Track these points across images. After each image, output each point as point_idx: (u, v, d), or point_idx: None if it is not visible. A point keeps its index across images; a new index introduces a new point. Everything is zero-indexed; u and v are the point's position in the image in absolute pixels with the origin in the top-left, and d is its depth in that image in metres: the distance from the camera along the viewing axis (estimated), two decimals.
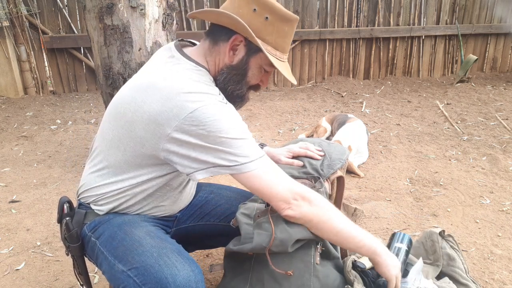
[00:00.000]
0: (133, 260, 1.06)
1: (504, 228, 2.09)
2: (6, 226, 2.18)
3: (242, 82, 1.15)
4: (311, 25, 5.16)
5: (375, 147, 3.23)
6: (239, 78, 1.14)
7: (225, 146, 1.02)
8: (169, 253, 1.07)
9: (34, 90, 4.81)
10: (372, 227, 2.12)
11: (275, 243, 1.11)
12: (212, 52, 1.14)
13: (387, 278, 1.13)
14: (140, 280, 1.02)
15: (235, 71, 1.13)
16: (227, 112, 1.05)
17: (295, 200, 1.06)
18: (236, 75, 1.13)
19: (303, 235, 1.13)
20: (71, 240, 1.20)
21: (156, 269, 1.02)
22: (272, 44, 1.10)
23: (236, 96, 1.17)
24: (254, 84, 1.19)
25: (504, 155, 3.01)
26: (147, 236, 1.12)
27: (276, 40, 1.11)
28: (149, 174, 1.15)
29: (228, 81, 1.14)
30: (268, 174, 1.06)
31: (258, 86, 1.21)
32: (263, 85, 1.21)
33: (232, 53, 1.12)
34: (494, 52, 5.66)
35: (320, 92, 5.02)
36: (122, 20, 2.40)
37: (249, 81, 1.16)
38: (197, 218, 1.42)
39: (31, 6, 4.55)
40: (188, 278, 1.02)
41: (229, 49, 1.11)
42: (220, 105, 1.04)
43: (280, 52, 1.13)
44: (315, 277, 1.14)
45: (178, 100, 1.01)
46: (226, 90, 1.15)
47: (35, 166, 2.99)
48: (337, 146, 1.49)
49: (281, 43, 1.12)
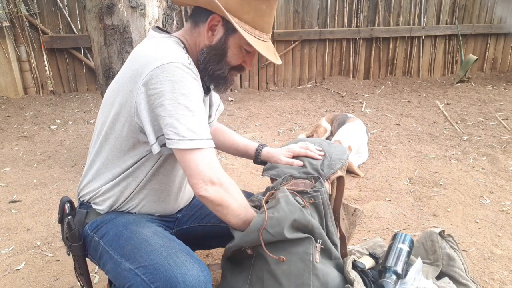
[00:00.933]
0: (142, 258, 1.05)
1: (504, 228, 2.09)
2: (6, 226, 2.18)
3: (222, 62, 1.14)
4: (311, 25, 5.15)
5: (375, 147, 3.23)
6: (218, 58, 1.14)
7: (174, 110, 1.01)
8: (178, 252, 1.07)
9: (34, 90, 4.81)
10: (372, 227, 2.12)
11: (271, 222, 1.10)
12: (192, 33, 1.16)
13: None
14: (148, 278, 1.02)
15: (214, 51, 1.13)
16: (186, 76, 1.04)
17: (213, 184, 1.04)
18: (216, 55, 1.13)
19: (300, 217, 1.13)
20: (73, 240, 1.20)
21: (165, 268, 1.01)
22: (249, 23, 1.10)
23: (217, 77, 1.16)
24: (236, 64, 1.17)
25: (504, 155, 3.01)
26: (155, 236, 1.12)
27: (254, 19, 1.10)
28: (134, 157, 1.16)
29: (208, 61, 1.14)
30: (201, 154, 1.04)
31: (241, 67, 1.19)
32: (246, 66, 1.19)
33: (210, 34, 1.12)
34: (494, 52, 5.66)
35: (320, 92, 5.02)
36: (122, 20, 2.40)
37: (230, 61, 1.15)
38: (198, 219, 1.42)
39: (31, 6, 4.55)
40: (198, 278, 1.02)
41: (207, 29, 1.12)
42: (182, 68, 1.04)
43: (259, 31, 1.12)
44: (315, 276, 1.14)
45: (143, 59, 1.05)
46: (207, 70, 1.15)
47: (35, 166, 2.99)
48: (337, 146, 1.49)
49: (259, 22, 1.11)
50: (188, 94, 1.03)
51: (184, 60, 1.06)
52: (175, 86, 1.01)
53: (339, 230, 1.38)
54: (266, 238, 1.13)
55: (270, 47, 1.18)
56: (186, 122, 1.02)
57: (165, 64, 1.02)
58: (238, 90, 5.18)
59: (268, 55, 1.13)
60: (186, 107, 1.02)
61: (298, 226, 1.15)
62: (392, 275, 1.21)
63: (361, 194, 2.49)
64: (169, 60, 1.03)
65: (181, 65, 1.03)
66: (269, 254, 1.13)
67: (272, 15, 1.14)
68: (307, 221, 1.15)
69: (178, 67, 1.03)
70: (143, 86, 1.03)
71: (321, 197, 1.23)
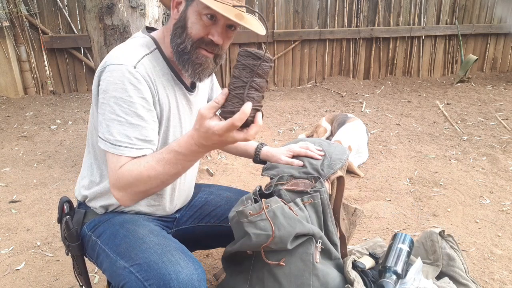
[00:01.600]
0: (136, 256, 1.06)
1: (504, 228, 2.09)
2: (6, 226, 2.18)
3: (183, 35, 1.07)
4: (311, 25, 5.15)
5: (375, 147, 3.23)
6: (180, 31, 1.08)
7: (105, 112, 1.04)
8: (173, 251, 1.07)
9: (34, 90, 4.81)
10: (372, 227, 2.12)
11: (275, 240, 1.11)
12: (169, 23, 1.14)
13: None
14: (142, 276, 1.02)
15: (177, 25, 1.09)
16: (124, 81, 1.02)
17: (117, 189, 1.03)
18: (178, 28, 1.08)
19: (301, 229, 1.13)
20: (71, 239, 1.20)
21: (159, 265, 1.02)
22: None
23: (181, 53, 1.09)
24: (199, 36, 1.07)
25: (504, 155, 3.01)
26: (151, 234, 1.13)
27: None
28: None
29: (173, 38, 1.10)
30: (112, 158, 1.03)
31: (208, 41, 1.08)
32: (214, 39, 1.07)
33: (176, 11, 1.10)
34: (494, 52, 5.66)
35: (320, 92, 5.02)
36: (122, 20, 2.40)
37: (191, 33, 1.06)
38: (197, 219, 1.42)
39: (31, 6, 4.55)
40: (191, 276, 1.02)
41: (173, 7, 1.11)
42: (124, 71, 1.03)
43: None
44: (315, 276, 1.14)
45: (104, 62, 1.07)
46: (173, 48, 1.10)
47: (35, 166, 2.99)
48: (337, 146, 1.49)
49: None
50: (119, 98, 1.02)
51: (130, 63, 1.04)
52: (109, 87, 1.03)
53: (339, 230, 1.38)
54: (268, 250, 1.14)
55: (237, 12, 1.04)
56: (109, 125, 1.03)
57: (109, 65, 1.04)
58: None
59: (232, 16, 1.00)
60: (113, 111, 1.02)
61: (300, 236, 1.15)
62: (392, 275, 1.21)
63: (361, 194, 2.49)
64: (114, 61, 1.04)
65: (125, 68, 1.03)
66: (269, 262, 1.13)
67: None
68: (307, 231, 1.15)
69: (120, 69, 1.03)
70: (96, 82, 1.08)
71: (321, 197, 1.23)
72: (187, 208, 1.43)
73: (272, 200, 1.17)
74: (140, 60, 1.07)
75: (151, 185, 1.01)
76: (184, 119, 1.22)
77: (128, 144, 1.02)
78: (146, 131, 1.05)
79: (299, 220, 1.14)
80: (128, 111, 1.03)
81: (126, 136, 1.02)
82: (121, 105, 1.02)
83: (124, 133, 1.02)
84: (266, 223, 1.12)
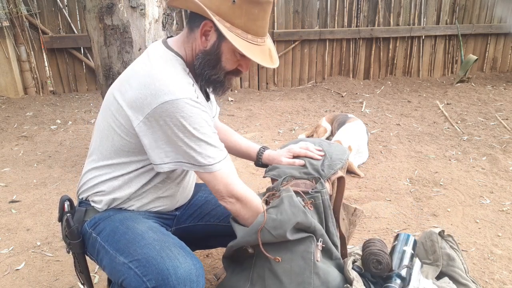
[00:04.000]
0: (135, 252, 1.07)
1: (504, 228, 2.09)
2: (6, 226, 2.18)
3: (217, 67, 1.15)
4: (311, 25, 5.15)
5: (375, 147, 3.23)
6: (213, 63, 1.15)
7: (189, 143, 1.08)
8: (171, 246, 1.08)
9: (34, 90, 4.81)
10: (372, 227, 2.12)
11: (274, 224, 1.11)
12: (189, 38, 1.16)
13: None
14: (141, 271, 1.03)
15: (209, 56, 1.14)
16: (195, 111, 1.07)
17: (230, 197, 1.16)
18: (210, 60, 1.14)
19: (303, 220, 1.13)
20: (72, 237, 1.21)
21: (158, 261, 1.03)
22: (242, 27, 1.10)
23: (214, 81, 1.18)
24: (232, 69, 1.18)
25: (504, 155, 3.01)
26: (150, 231, 1.14)
27: (246, 24, 1.09)
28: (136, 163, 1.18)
29: (203, 66, 1.15)
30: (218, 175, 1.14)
31: (238, 72, 1.20)
32: (243, 70, 1.20)
33: (204, 39, 1.13)
34: (494, 52, 5.66)
35: (320, 92, 5.02)
36: (122, 20, 2.40)
37: (225, 66, 1.16)
38: (197, 218, 1.42)
39: (31, 6, 4.55)
40: (189, 271, 1.03)
41: (200, 34, 1.13)
42: (191, 103, 1.07)
43: (252, 35, 1.11)
44: (315, 275, 1.14)
45: (153, 89, 1.06)
46: (203, 75, 1.17)
47: (35, 166, 2.99)
48: (337, 146, 1.49)
49: (251, 26, 1.10)
50: (200, 128, 1.08)
51: (192, 95, 1.09)
52: (187, 121, 1.06)
53: (339, 230, 1.38)
54: (268, 239, 1.13)
55: (266, 49, 1.17)
56: (202, 151, 1.10)
57: (173, 100, 1.05)
58: (238, 90, 5.18)
59: (260, 59, 1.12)
60: (200, 139, 1.09)
61: (301, 227, 1.15)
62: (397, 279, 1.22)
63: (361, 194, 2.49)
64: (178, 96, 1.05)
65: (190, 100, 1.07)
66: (265, 254, 1.13)
67: (266, 18, 1.14)
68: (309, 223, 1.15)
69: (188, 103, 1.06)
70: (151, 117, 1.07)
71: (322, 198, 1.23)
72: (187, 206, 1.43)
73: (284, 190, 1.21)
74: (196, 90, 1.14)
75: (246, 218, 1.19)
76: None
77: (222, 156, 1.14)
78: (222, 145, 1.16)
79: (304, 211, 1.15)
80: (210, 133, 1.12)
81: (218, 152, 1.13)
82: (204, 133, 1.09)
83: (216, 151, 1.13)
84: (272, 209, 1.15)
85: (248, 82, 5.25)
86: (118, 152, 1.18)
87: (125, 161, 1.18)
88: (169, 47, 1.17)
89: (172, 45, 1.18)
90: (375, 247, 1.25)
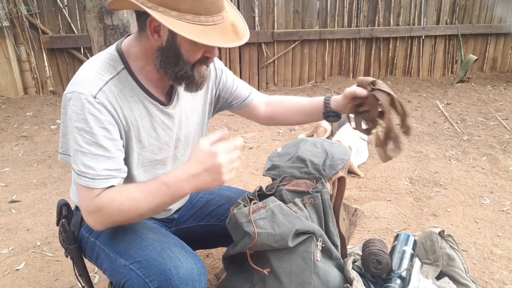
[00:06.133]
0: (136, 254, 1.06)
1: (504, 228, 2.09)
2: (6, 226, 2.18)
3: (179, 63, 1.04)
4: (311, 25, 5.15)
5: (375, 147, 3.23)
6: (174, 59, 1.03)
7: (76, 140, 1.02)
8: (172, 246, 1.08)
9: (34, 90, 4.81)
10: (372, 227, 2.12)
11: (275, 238, 1.11)
12: (141, 37, 1.06)
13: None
14: (143, 273, 1.03)
15: (167, 53, 1.03)
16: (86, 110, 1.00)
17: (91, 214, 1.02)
18: (169, 56, 1.03)
19: (301, 226, 1.13)
20: (69, 242, 1.21)
21: (159, 261, 1.02)
22: (190, 11, 0.95)
23: (181, 78, 1.07)
24: (197, 59, 1.05)
25: (504, 155, 3.01)
26: (149, 232, 1.13)
27: (193, 5, 0.95)
28: None
29: (165, 64, 1.05)
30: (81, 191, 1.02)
31: (206, 59, 1.07)
32: (211, 56, 1.07)
33: (157, 36, 1.02)
34: (494, 52, 5.66)
35: (320, 92, 5.02)
36: (122, 20, 2.40)
37: (187, 59, 1.03)
38: (198, 218, 1.42)
39: (31, 6, 4.55)
40: (191, 270, 1.03)
41: (151, 32, 1.01)
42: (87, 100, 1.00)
43: (205, 16, 0.97)
44: (315, 274, 1.14)
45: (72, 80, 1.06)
46: (168, 74, 1.06)
47: (35, 166, 2.99)
48: (339, 146, 1.49)
49: (200, 5, 0.96)
50: (81, 129, 1.00)
51: (90, 92, 1.01)
52: (72, 116, 1.01)
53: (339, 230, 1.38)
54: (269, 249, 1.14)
55: (227, 26, 1.02)
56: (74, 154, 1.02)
57: (72, 92, 1.02)
58: None
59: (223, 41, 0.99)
60: (76, 140, 1.01)
61: (300, 233, 1.15)
62: (397, 280, 1.22)
63: (361, 194, 2.49)
64: (76, 89, 1.01)
65: (83, 97, 1.00)
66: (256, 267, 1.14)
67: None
68: (307, 228, 1.15)
69: (80, 99, 1.00)
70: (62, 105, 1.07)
71: (322, 198, 1.23)
72: (188, 208, 1.43)
73: (269, 200, 1.19)
74: (102, 88, 1.03)
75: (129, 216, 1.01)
76: (162, 135, 1.16)
77: (93, 176, 1.00)
78: (110, 161, 1.02)
79: (298, 217, 1.15)
80: (91, 142, 1.00)
81: (90, 167, 1.00)
82: (83, 136, 1.00)
83: (88, 164, 1.00)
84: (265, 221, 1.12)
85: (248, 82, 5.24)
86: None
87: None
88: (118, 43, 1.11)
89: (124, 44, 1.11)
90: (375, 247, 1.25)
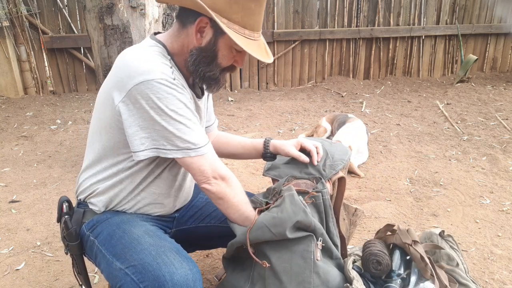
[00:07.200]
0: (131, 258, 1.06)
1: (504, 228, 2.09)
2: (6, 226, 2.18)
3: (212, 64, 1.14)
4: (311, 25, 5.16)
5: (375, 147, 3.23)
6: (209, 60, 1.13)
7: (166, 127, 1.06)
8: (167, 251, 1.07)
9: (34, 90, 4.81)
10: (372, 227, 2.12)
11: (274, 221, 1.12)
12: (180, 34, 1.14)
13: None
14: (137, 278, 1.03)
15: (205, 53, 1.12)
16: (172, 92, 1.05)
17: (215, 178, 1.13)
18: (206, 57, 1.12)
19: (303, 218, 1.13)
20: (70, 239, 1.21)
21: (154, 267, 1.02)
22: (239, 22, 1.08)
23: (209, 78, 1.16)
24: (227, 65, 1.17)
25: (504, 155, 3.01)
26: (146, 235, 1.13)
27: (243, 19, 1.08)
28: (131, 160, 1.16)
29: (198, 63, 1.13)
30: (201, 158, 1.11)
31: (233, 67, 1.19)
32: (238, 65, 1.19)
33: (199, 36, 1.11)
34: (494, 52, 5.66)
35: (320, 92, 5.02)
36: (122, 20, 2.40)
37: (221, 63, 1.14)
38: (198, 219, 1.42)
39: (31, 6, 4.55)
40: (186, 276, 1.02)
41: (195, 31, 1.10)
42: (167, 84, 1.05)
43: (249, 31, 1.11)
44: (315, 274, 1.14)
45: (128, 70, 1.05)
46: (197, 72, 1.14)
47: (35, 166, 2.99)
48: (339, 146, 1.48)
49: (248, 21, 1.09)
50: (177, 109, 1.06)
51: (169, 76, 1.06)
52: (162, 102, 1.04)
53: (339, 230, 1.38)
54: (267, 237, 1.13)
55: (262, 44, 1.17)
56: (181, 135, 1.07)
57: (149, 80, 1.03)
58: (238, 90, 5.18)
59: (259, 55, 1.12)
60: (178, 122, 1.06)
61: (301, 226, 1.15)
62: (397, 279, 1.22)
63: (361, 194, 2.49)
64: (153, 76, 1.03)
65: (166, 81, 1.04)
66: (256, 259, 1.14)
67: (262, 13, 1.12)
68: (309, 222, 1.15)
69: (163, 83, 1.04)
70: (127, 98, 1.05)
71: (323, 198, 1.23)
72: (187, 208, 1.43)
73: (286, 189, 1.21)
74: (173, 72, 1.10)
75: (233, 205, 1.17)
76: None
77: (203, 142, 1.10)
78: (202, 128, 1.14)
79: (304, 210, 1.15)
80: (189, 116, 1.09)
81: (198, 137, 1.10)
82: (181, 115, 1.07)
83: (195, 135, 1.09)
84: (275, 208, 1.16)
85: (248, 82, 5.25)
86: (107, 150, 1.17)
87: (114, 159, 1.17)
88: (153, 37, 1.17)
89: (158, 37, 1.18)
90: (375, 248, 1.25)
